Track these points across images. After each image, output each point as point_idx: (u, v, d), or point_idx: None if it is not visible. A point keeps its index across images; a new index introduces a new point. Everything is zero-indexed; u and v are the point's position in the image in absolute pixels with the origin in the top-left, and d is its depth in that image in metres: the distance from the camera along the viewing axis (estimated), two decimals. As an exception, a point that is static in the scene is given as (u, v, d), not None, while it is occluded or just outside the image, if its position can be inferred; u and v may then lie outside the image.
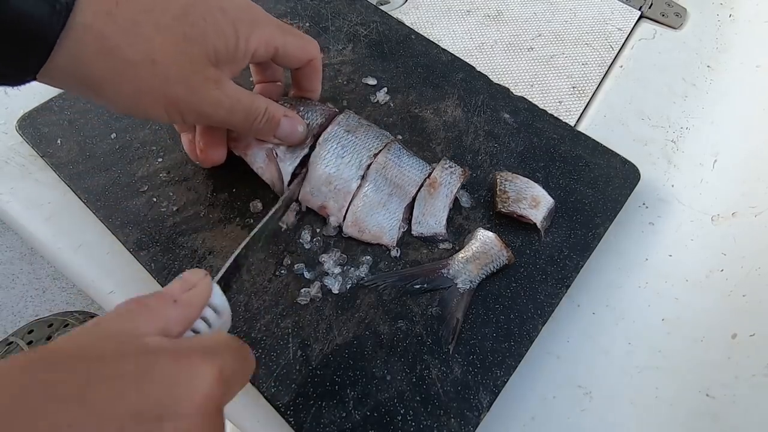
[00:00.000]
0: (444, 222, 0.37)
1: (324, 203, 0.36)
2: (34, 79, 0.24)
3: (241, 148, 0.37)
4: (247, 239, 0.29)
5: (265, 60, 0.32)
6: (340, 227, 0.37)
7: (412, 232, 0.37)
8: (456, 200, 0.39)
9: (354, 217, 0.36)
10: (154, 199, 0.37)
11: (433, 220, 0.37)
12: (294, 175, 0.37)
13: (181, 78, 0.27)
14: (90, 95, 0.27)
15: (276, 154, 0.36)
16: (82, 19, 0.23)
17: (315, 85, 0.37)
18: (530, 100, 0.46)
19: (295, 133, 0.35)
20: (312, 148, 0.37)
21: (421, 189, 0.38)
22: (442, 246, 0.37)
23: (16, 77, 0.24)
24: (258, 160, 0.37)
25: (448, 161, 0.39)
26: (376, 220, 0.36)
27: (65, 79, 0.25)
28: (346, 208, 0.36)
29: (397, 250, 0.36)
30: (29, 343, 0.92)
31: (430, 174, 0.38)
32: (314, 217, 0.37)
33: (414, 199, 0.37)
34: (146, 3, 0.25)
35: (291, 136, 0.35)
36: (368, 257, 0.36)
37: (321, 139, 0.37)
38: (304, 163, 0.37)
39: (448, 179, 0.38)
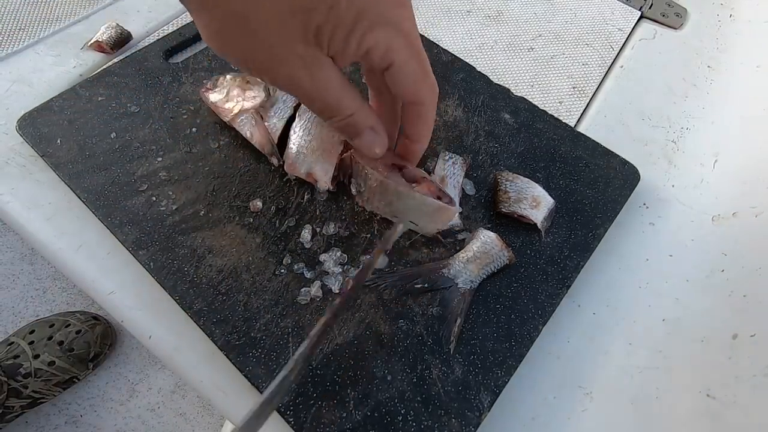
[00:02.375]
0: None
1: (310, 170, 0.37)
2: None
3: (228, 115, 0.38)
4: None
5: (377, 69, 0.27)
6: (338, 232, 0.37)
7: None
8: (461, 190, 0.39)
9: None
10: (154, 198, 0.37)
11: None
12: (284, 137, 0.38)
13: (267, 43, 0.24)
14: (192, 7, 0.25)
15: (261, 116, 0.38)
16: None
17: (415, 133, 0.31)
18: (530, 100, 0.46)
19: (372, 150, 0.30)
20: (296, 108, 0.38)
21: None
22: (460, 236, 0.37)
23: None
24: (246, 126, 0.38)
25: (447, 153, 0.39)
26: None
27: None
28: (332, 172, 0.36)
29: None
30: (30, 343, 0.92)
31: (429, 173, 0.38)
32: (314, 216, 0.37)
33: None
34: None
35: (367, 150, 0.31)
36: (368, 257, 0.36)
37: (301, 109, 0.38)
38: (292, 120, 0.38)
39: (452, 170, 0.38)
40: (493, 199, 0.39)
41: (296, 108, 0.39)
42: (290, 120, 0.38)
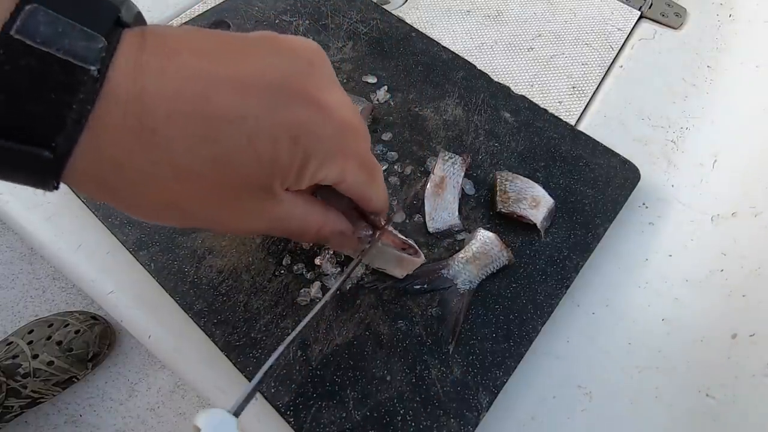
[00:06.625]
0: (456, 213, 0.38)
1: None
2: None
3: None
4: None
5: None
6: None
7: (429, 230, 0.37)
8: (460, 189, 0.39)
9: None
10: (154, 199, 0.37)
11: (446, 213, 0.38)
12: None
13: (205, 212, 0.22)
14: (111, 204, 0.22)
15: None
16: (95, 140, 0.18)
17: (372, 209, 0.29)
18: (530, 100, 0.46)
19: (342, 249, 0.31)
20: None
21: (428, 187, 0.38)
22: (459, 237, 0.37)
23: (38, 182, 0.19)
24: None
25: (446, 153, 0.39)
26: None
27: (85, 185, 0.21)
28: None
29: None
30: (29, 343, 0.92)
31: (428, 173, 0.38)
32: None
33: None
34: (176, 104, 0.19)
35: (338, 249, 0.32)
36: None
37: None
38: None
39: (451, 170, 0.39)
40: (492, 199, 0.39)
41: None
42: None
